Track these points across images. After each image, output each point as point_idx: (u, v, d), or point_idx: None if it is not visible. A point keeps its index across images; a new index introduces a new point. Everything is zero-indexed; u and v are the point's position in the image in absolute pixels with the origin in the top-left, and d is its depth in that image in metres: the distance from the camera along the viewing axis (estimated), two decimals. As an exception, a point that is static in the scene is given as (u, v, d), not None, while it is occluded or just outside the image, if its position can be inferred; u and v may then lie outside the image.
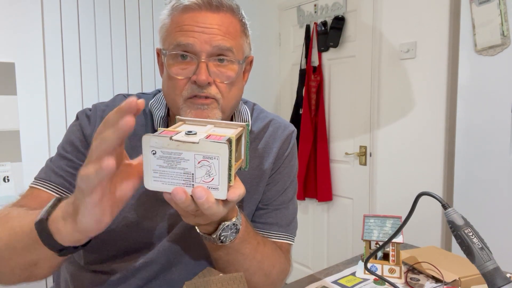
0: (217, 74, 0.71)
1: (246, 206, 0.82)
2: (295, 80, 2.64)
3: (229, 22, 0.71)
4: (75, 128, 0.79)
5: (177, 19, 0.70)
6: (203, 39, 0.68)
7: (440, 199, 0.70)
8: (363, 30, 2.24)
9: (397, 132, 2.11)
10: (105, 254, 0.78)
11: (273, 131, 0.87)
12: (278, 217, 0.84)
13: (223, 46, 0.69)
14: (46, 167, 0.77)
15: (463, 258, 0.97)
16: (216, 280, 0.65)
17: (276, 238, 0.84)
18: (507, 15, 1.53)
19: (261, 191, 0.83)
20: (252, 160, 0.83)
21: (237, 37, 0.72)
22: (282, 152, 0.86)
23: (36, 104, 1.92)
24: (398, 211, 2.09)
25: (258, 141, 0.85)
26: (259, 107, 0.92)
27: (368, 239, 1.00)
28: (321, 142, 2.47)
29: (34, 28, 1.91)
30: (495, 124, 1.61)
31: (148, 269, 0.77)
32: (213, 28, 0.69)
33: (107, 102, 0.82)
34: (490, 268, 0.63)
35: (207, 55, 0.69)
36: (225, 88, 0.72)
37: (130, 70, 2.22)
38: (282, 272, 0.81)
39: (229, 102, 0.73)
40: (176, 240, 0.77)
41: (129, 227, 0.75)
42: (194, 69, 0.69)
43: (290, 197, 0.87)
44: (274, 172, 0.85)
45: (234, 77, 0.72)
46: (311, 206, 2.63)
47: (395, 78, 2.09)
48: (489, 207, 1.64)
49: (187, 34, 0.68)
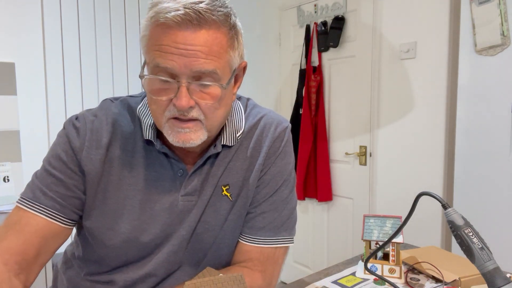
0: (199, 97, 0.65)
1: (235, 210, 0.79)
2: (295, 80, 2.64)
3: (213, 40, 0.63)
4: (61, 141, 0.74)
5: (155, 36, 0.63)
6: (183, 63, 0.62)
7: (440, 199, 0.70)
8: (363, 30, 2.24)
9: (397, 132, 2.11)
10: (105, 267, 0.77)
11: (264, 128, 0.81)
12: (267, 220, 0.80)
13: (205, 70, 0.63)
14: (32, 184, 0.73)
15: (463, 258, 0.97)
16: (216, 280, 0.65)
17: (263, 244, 0.80)
18: (507, 15, 1.53)
19: (250, 194, 0.79)
20: (242, 162, 0.79)
21: (223, 54, 0.65)
22: (273, 150, 0.80)
23: (36, 104, 1.92)
24: (398, 211, 2.09)
25: (249, 140, 0.80)
26: (252, 102, 0.87)
27: (368, 239, 0.99)
28: (321, 142, 2.47)
29: (34, 28, 1.91)
30: (495, 124, 1.61)
31: (147, 281, 0.77)
32: (194, 50, 0.62)
33: (95, 110, 0.77)
34: (490, 268, 0.63)
35: (187, 78, 0.63)
36: (209, 109, 0.67)
37: (130, 70, 2.22)
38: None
39: (214, 121, 0.69)
40: (173, 251, 0.76)
41: (128, 242, 0.74)
42: (175, 91, 0.64)
43: (284, 196, 0.82)
44: (264, 174, 0.80)
45: (218, 98, 0.67)
46: (311, 206, 2.63)
47: (395, 78, 2.09)
48: (489, 207, 1.64)
49: (166, 56, 0.62)
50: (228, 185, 0.78)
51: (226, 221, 0.79)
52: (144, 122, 0.75)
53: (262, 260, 0.80)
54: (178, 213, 0.75)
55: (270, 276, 0.81)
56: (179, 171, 0.76)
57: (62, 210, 0.71)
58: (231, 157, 0.78)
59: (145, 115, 0.75)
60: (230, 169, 0.78)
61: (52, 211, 0.71)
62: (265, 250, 0.80)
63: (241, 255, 0.82)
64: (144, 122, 0.75)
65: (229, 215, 0.79)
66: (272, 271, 0.82)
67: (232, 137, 0.78)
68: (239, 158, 0.79)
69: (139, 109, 0.77)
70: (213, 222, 0.77)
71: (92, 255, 0.78)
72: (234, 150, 0.79)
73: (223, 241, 0.80)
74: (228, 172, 0.78)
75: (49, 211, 0.70)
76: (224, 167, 0.78)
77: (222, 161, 0.78)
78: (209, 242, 0.78)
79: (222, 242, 0.80)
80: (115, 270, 0.77)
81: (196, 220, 0.76)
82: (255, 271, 0.79)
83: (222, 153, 0.77)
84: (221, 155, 0.78)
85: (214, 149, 0.76)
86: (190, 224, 0.76)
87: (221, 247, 0.80)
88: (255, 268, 0.79)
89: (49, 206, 0.70)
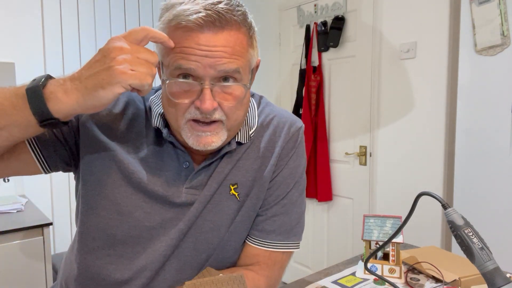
0: (222, 98, 0.65)
1: (243, 211, 0.77)
2: (295, 80, 2.64)
3: (235, 40, 0.63)
4: None
5: (176, 39, 0.63)
6: (207, 63, 0.62)
7: (440, 199, 0.70)
8: (363, 30, 2.24)
9: (397, 132, 2.11)
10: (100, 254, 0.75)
11: (277, 127, 0.80)
12: (277, 224, 0.78)
13: (229, 69, 0.63)
14: None
15: (463, 258, 0.97)
16: (216, 280, 0.64)
17: (272, 248, 0.79)
18: (507, 15, 1.53)
19: (261, 196, 0.78)
20: (252, 161, 0.77)
21: (244, 53, 0.66)
22: (286, 152, 0.79)
23: (36, 104, 1.92)
24: (398, 211, 2.09)
25: (260, 139, 0.78)
26: (265, 100, 0.86)
27: (368, 239, 0.99)
28: (321, 142, 2.47)
29: (34, 28, 1.91)
30: (495, 124, 1.61)
31: (141, 275, 0.74)
32: (217, 50, 0.62)
33: None
34: (490, 268, 0.63)
35: (211, 80, 0.63)
36: (231, 110, 0.67)
37: (130, 70, 2.21)
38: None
39: (235, 121, 0.69)
40: (171, 245, 0.74)
41: (121, 215, 0.72)
42: (197, 93, 0.64)
43: (294, 199, 0.80)
44: (276, 175, 0.79)
45: (240, 98, 0.67)
46: (311, 206, 2.63)
47: (395, 78, 2.09)
48: (489, 207, 1.64)
49: (189, 57, 0.62)
50: (236, 184, 0.76)
51: (233, 223, 0.77)
52: (154, 110, 0.74)
53: (270, 264, 0.79)
54: (179, 204, 0.74)
55: (274, 282, 0.80)
56: (185, 163, 0.74)
57: (49, 156, 0.72)
58: (240, 155, 0.77)
59: (156, 104, 0.75)
60: (239, 167, 0.76)
61: (41, 153, 0.71)
62: (273, 255, 0.79)
63: (249, 258, 0.80)
64: (154, 110, 0.74)
65: (236, 216, 0.77)
66: (277, 276, 0.81)
67: (245, 134, 0.77)
68: (250, 157, 0.77)
69: (152, 99, 0.77)
70: (218, 222, 0.75)
71: (86, 243, 0.76)
72: (244, 148, 0.77)
73: (228, 243, 0.77)
74: (237, 171, 0.76)
75: (38, 152, 0.71)
76: (233, 165, 0.76)
77: (231, 159, 0.76)
78: (213, 242, 0.76)
79: (227, 244, 0.77)
80: (109, 258, 0.74)
81: (196, 215, 0.74)
82: (261, 276, 0.78)
83: (231, 150, 0.76)
84: (231, 152, 0.76)
85: (229, 147, 0.74)
86: (189, 218, 0.74)
87: (226, 249, 0.78)
88: (261, 272, 0.78)
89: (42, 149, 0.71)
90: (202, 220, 0.75)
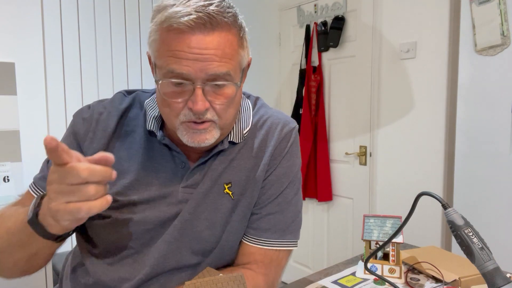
0: (214, 97, 0.68)
1: (239, 210, 0.78)
2: (295, 80, 2.64)
3: (225, 42, 0.65)
4: (67, 133, 0.79)
5: (167, 41, 0.64)
6: (198, 67, 0.63)
7: (440, 199, 0.70)
8: (363, 30, 2.24)
9: (397, 132, 2.11)
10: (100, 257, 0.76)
11: (270, 128, 0.81)
12: (272, 222, 0.79)
13: (220, 73, 0.65)
14: (42, 171, 0.78)
15: (463, 258, 0.97)
16: (216, 280, 0.65)
17: (267, 246, 0.79)
18: (507, 15, 1.53)
19: (255, 195, 0.79)
20: (246, 161, 0.79)
21: (234, 55, 0.67)
22: (279, 151, 0.80)
23: (36, 104, 1.92)
24: (398, 211, 2.09)
25: (254, 139, 0.80)
26: (261, 101, 0.87)
27: (368, 239, 0.99)
28: (321, 142, 2.47)
29: (34, 28, 1.91)
30: (495, 124, 1.61)
31: (140, 273, 0.74)
32: (208, 54, 0.63)
33: (106, 102, 0.80)
34: (490, 268, 0.63)
35: (202, 81, 0.65)
36: (222, 110, 0.69)
37: (130, 70, 2.22)
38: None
39: (227, 120, 0.72)
40: (168, 241, 0.74)
41: (123, 221, 0.74)
42: (189, 94, 0.66)
43: (289, 198, 0.81)
44: (270, 174, 0.80)
45: (231, 97, 0.69)
46: (311, 206, 2.63)
47: (395, 78, 2.09)
48: (489, 207, 1.64)
49: (181, 62, 0.63)
50: (230, 183, 0.77)
51: (230, 222, 0.77)
52: (149, 114, 0.77)
53: (266, 262, 0.80)
54: (176, 203, 0.75)
55: (272, 280, 0.81)
56: (181, 163, 0.76)
57: None
58: (234, 155, 0.78)
59: (151, 108, 0.77)
60: (233, 167, 0.78)
61: None
62: (269, 253, 0.80)
63: (245, 257, 0.81)
64: (149, 114, 0.77)
65: (232, 216, 0.78)
66: (275, 274, 0.81)
67: (239, 134, 0.79)
68: (244, 156, 0.79)
69: (147, 102, 0.79)
70: (213, 220, 0.76)
71: (87, 247, 0.77)
72: (238, 148, 0.79)
73: (227, 243, 0.78)
74: (231, 170, 0.78)
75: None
76: (226, 164, 0.78)
77: (224, 158, 0.78)
78: (211, 241, 0.76)
79: (226, 244, 0.78)
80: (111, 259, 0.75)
81: (191, 211, 0.75)
82: (258, 274, 0.78)
83: (225, 149, 0.78)
84: (224, 152, 0.78)
85: (221, 145, 0.76)
86: (183, 214, 0.75)
87: (224, 249, 0.79)
88: (258, 270, 0.79)
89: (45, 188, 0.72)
90: (197, 219, 0.76)
